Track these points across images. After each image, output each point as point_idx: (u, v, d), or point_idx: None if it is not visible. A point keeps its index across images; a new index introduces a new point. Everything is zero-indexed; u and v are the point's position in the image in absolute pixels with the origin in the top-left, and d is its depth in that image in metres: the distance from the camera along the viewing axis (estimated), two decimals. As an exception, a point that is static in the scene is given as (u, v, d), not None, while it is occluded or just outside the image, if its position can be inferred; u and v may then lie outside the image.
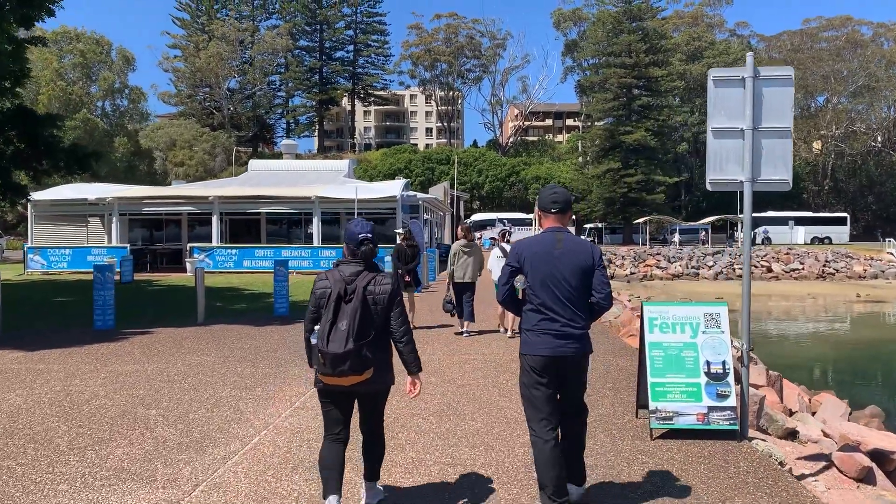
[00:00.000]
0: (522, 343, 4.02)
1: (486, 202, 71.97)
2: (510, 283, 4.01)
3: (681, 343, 5.19)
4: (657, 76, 63.66)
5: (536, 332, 3.92)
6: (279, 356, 8.77)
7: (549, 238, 4.00)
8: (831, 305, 31.57)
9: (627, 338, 10.15)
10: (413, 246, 11.33)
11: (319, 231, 26.38)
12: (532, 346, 3.92)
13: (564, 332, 3.89)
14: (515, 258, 4.01)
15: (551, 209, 4.05)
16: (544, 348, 3.88)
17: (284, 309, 12.94)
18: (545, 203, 4.10)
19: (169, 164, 65.70)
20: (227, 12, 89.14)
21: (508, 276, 4.02)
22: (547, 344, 3.88)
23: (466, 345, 9.67)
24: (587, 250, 4.02)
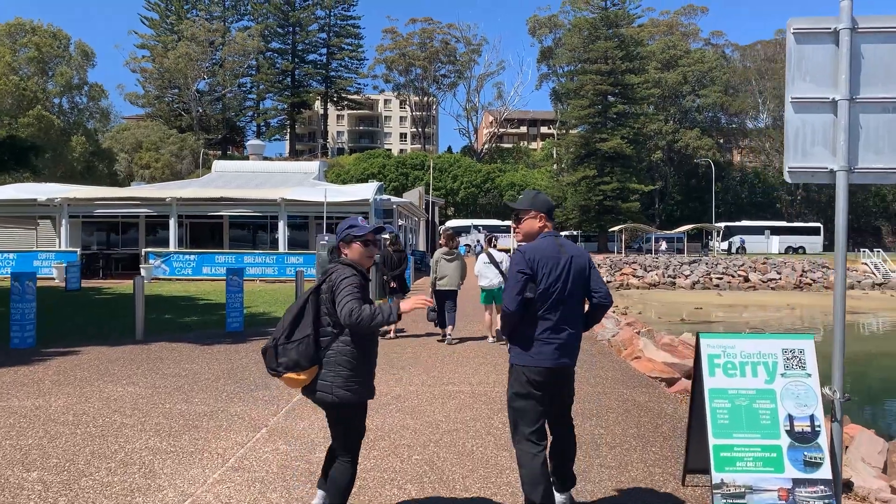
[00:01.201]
0: (520, 354, 3.74)
1: (460, 209, 70.85)
2: (524, 292, 3.66)
3: (753, 390, 3.79)
4: (633, 83, 63.30)
5: (541, 342, 3.69)
6: (221, 387, 7.21)
7: (553, 242, 3.81)
8: (811, 316, 31.04)
9: (632, 360, 8.78)
10: (399, 251, 11.01)
11: (286, 236, 24.72)
12: (535, 358, 3.70)
13: (568, 343, 3.75)
14: (527, 264, 3.70)
15: (551, 213, 3.92)
16: (547, 360, 3.69)
17: (238, 324, 11.35)
18: (548, 206, 3.93)
19: (135, 166, 63.89)
20: (198, 13, 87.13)
21: (523, 285, 3.67)
22: (550, 355, 3.70)
23: (450, 370, 8.20)
24: (583, 254, 3.88)
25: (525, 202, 3.92)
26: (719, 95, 73.76)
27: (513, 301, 3.67)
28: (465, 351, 9.71)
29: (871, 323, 28.29)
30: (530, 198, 3.93)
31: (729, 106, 75.70)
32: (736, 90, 77.39)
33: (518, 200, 3.96)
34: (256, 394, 6.86)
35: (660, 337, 11.09)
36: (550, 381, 3.71)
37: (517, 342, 3.75)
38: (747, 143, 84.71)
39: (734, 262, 48.08)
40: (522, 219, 3.91)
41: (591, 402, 6.47)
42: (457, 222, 62.45)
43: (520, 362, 3.72)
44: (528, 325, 3.70)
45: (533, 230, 3.88)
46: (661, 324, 25.08)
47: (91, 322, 12.75)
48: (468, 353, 9.56)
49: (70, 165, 40.45)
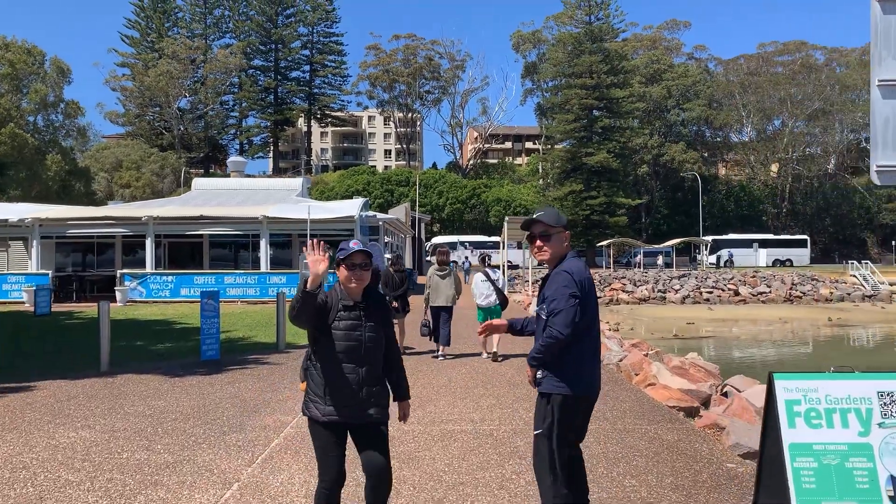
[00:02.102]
0: (566, 382, 3.53)
1: (446, 225, 70.20)
2: (577, 317, 3.49)
3: (844, 445, 3.01)
4: (618, 97, 63.29)
5: (587, 369, 3.59)
6: (190, 429, 6.32)
7: (583, 263, 3.71)
8: (803, 329, 30.69)
9: (646, 388, 8.01)
10: (401, 272, 10.96)
11: (268, 255, 23.80)
12: (583, 387, 3.57)
13: (600, 368, 3.73)
14: (578, 286, 3.55)
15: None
16: (594, 388, 3.65)
17: (214, 352, 10.45)
18: (567, 222, 3.81)
19: (115, 185, 62.90)
20: (179, 30, 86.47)
21: (578, 310, 3.50)
22: (596, 382, 3.66)
23: (448, 403, 7.38)
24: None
25: (553, 218, 3.71)
26: (703, 109, 73.90)
27: (568, 326, 3.47)
28: (462, 379, 8.89)
29: (864, 335, 27.83)
30: (555, 215, 3.74)
31: (713, 119, 75.85)
32: (720, 104, 77.63)
33: (541, 216, 3.73)
34: (229, 438, 6.00)
35: (668, 359, 10.35)
36: (590, 411, 3.65)
37: (558, 369, 3.53)
38: (732, 156, 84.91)
39: (724, 275, 47.84)
40: (552, 236, 3.68)
41: (616, 443, 5.67)
42: (442, 238, 61.78)
43: (577, 391, 3.52)
44: (570, 350, 3.54)
45: (562, 249, 3.70)
46: (653, 340, 24.43)
47: (54, 351, 11.81)
48: (465, 381, 8.74)
49: (45, 185, 39.35)
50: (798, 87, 76.31)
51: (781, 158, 78.25)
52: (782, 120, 79.30)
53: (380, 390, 3.50)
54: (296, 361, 10.26)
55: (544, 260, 3.72)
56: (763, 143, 79.69)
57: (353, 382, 3.39)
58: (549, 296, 3.60)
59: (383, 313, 3.56)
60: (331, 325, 3.40)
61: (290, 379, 8.82)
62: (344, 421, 3.39)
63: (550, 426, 3.54)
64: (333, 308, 3.42)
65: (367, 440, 3.45)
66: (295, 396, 7.66)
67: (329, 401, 3.38)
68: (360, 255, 3.45)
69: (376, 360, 3.48)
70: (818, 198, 78.47)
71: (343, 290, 3.47)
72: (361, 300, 3.48)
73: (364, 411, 3.41)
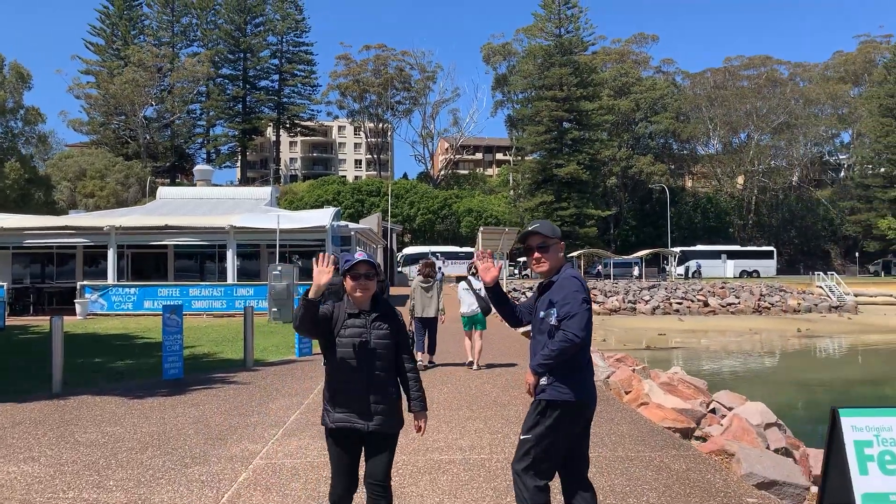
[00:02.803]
0: (569, 387, 3.51)
1: (417, 235, 69.73)
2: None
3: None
4: (588, 110, 63.72)
5: (587, 374, 3.61)
6: (147, 461, 5.68)
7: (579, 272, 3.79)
8: (774, 341, 30.88)
9: (639, 407, 7.58)
10: (381, 281, 9.57)
11: (235, 266, 23.02)
12: (584, 391, 3.56)
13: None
14: (588, 293, 3.59)
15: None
16: (593, 392, 3.64)
17: (177, 370, 9.79)
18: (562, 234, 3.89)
19: (78, 194, 61.48)
20: (145, 38, 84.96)
21: (590, 316, 3.54)
22: (594, 387, 3.67)
23: (433, 429, 6.79)
24: None
25: (549, 230, 3.74)
26: (671, 122, 74.66)
27: (584, 329, 3.47)
28: (445, 399, 8.37)
29: (839, 346, 27.93)
30: (550, 227, 3.80)
31: (680, 132, 76.65)
32: (687, 117, 78.49)
33: (537, 228, 3.76)
34: (192, 471, 5.39)
35: (655, 374, 9.95)
36: (590, 415, 3.65)
37: (563, 376, 3.50)
38: (699, 168, 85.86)
39: (693, 286, 48.06)
40: (550, 247, 3.71)
41: (620, 474, 5.19)
42: (414, 249, 61.30)
43: (571, 398, 3.49)
44: (575, 357, 3.53)
45: (559, 260, 3.73)
46: (626, 351, 24.22)
47: (2, 369, 11.01)
48: (448, 401, 8.23)
49: (3, 193, 37.97)
50: (763, 100, 77.53)
51: (747, 171, 79.35)
52: (748, 133, 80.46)
53: (390, 399, 3.52)
54: (264, 381, 9.69)
55: (543, 272, 3.72)
56: (729, 155, 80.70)
57: (360, 390, 3.44)
58: (559, 301, 3.56)
59: (393, 321, 3.61)
60: (337, 335, 3.48)
61: (259, 401, 8.24)
62: (352, 427, 3.43)
63: (542, 435, 3.50)
64: (340, 318, 3.50)
65: (372, 450, 3.48)
66: (264, 421, 7.11)
67: (337, 408, 3.47)
68: (365, 265, 3.56)
69: (384, 367, 3.50)
70: (783, 210, 79.66)
71: (350, 300, 3.57)
72: (369, 308, 3.57)
73: (372, 420, 3.44)
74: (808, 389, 17.68)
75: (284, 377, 10.07)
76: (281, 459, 5.66)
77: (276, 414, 7.43)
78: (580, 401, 3.53)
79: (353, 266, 3.54)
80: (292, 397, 8.44)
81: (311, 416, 7.29)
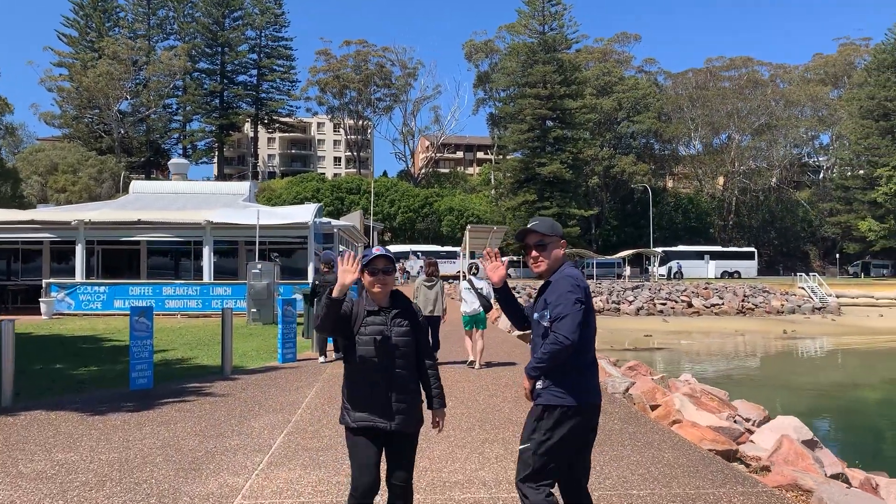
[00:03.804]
0: (577, 391, 3.36)
1: (398, 234, 68.81)
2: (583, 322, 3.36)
3: None
4: (572, 108, 63.32)
5: (589, 377, 3.46)
6: (103, 501, 4.73)
7: (580, 271, 3.70)
8: (764, 342, 30.66)
9: (672, 425, 6.74)
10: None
11: (211, 263, 21.87)
12: (587, 395, 3.41)
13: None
14: (583, 292, 3.43)
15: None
16: (597, 395, 3.50)
17: (146, 380, 8.77)
18: (563, 231, 3.73)
19: (49, 189, 59.85)
20: (120, 30, 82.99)
21: (585, 315, 3.38)
22: (598, 390, 3.53)
23: (445, 454, 5.93)
24: None
25: (548, 228, 3.60)
26: (653, 122, 74.46)
27: (575, 332, 3.33)
28: (454, 416, 7.42)
29: (831, 348, 27.55)
30: (550, 224, 3.65)
31: (662, 132, 76.48)
32: (668, 117, 78.35)
33: (536, 226, 3.61)
34: (158, 513, 4.45)
35: (673, 384, 9.14)
36: (594, 422, 3.50)
37: (561, 379, 3.38)
38: (680, 169, 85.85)
39: (677, 287, 47.88)
40: (548, 246, 3.58)
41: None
42: (395, 248, 60.42)
43: (570, 402, 3.35)
44: (574, 360, 3.39)
45: (559, 260, 3.60)
46: (613, 353, 23.62)
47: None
48: (458, 418, 7.26)
49: (-33, 187, 36.46)
50: (744, 101, 77.64)
51: (728, 172, 79.47)
52: (729, 134, 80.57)
53: (411, 397, 3.45)
54: (245, 392, 8.69)
55: (541, 271, 3.59)
56: (710, 156, 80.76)
57: (381, 388, 3.39)
58: (552, 301, 3.42)
59: (413, 318, 3.52)
60: (357, 333, 3.42)
61: (239, 417, 7.25)
62: (373, 426, 3.37)
63: (541, 443, 3.35)
64: (359, 315, 3.44)
65: (393, 450, 3.44)
66: (246, 445, 6.13)
67: (358, 407, 3.41)
68: (383, 260, 3.46)
69: (405, 365, 3.44)
70: (763, 211, 79.90)
71: (368, 297, 3.49)
72: (388, 305, 3.49)
73: (393, 418, 3.37)
74: (811, 394, 17.13)
75: (267, 388, 9.08)
76: (269, 499, 4.70)
77: (260, 435, 6.45)
78: (580, 405, 3.37)
79: (371, 261, 3.43)
80: (277, 413, 7.45)
81: (301, 438, 6.35)
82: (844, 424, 13.38)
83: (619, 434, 6.31)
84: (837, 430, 12.29)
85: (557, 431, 3.34)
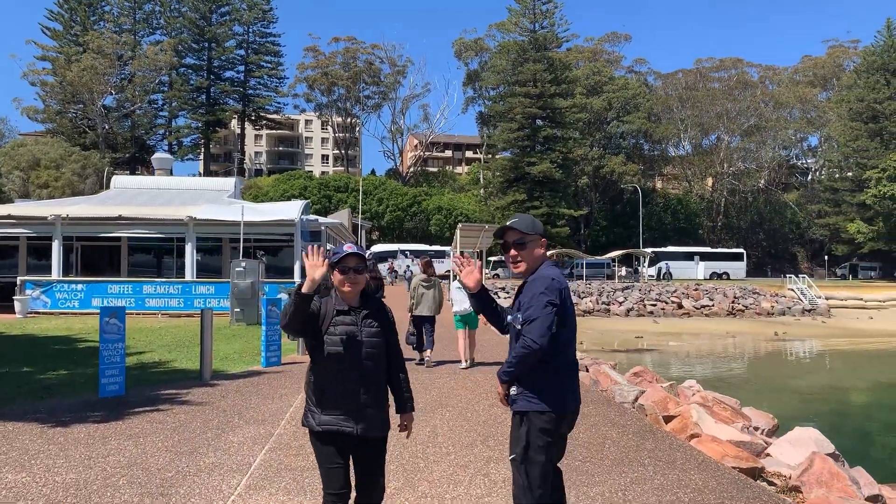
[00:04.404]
0: (551, 398, 3.23)
1: (386, 233, 68.19)
2: (553, 326, 3.19)
3: None
4: (562, 107, 62.94)
5: (565, 383, 3.31)
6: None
7: (561, 272, 3.50)
8: (752, 344, 30.41)
9: (691, 440, 6.19)
10: (376, 279, 10.52)
11: (194, 261, 21.13)
12: (562, 401, 3.27)
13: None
14: (558, 294, 3.28)
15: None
16: (574, 402, 3.35)
17: (117, 386, 8.10)
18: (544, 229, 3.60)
19: (31, 185, 58.90)
20: (105, 24, 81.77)
21: (554, 318, 3.21)
22: (575, 397, 3.37)
23: (447, 479, 5.35)
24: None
25: (528, 226, 3.47)
26: (643, 122, 74.24)
27: (544, 336, 3.18)
28: (452, 428, 6.82)
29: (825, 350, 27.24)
30: (530, 222, 3.53)
31: (652, 132, 76.27)
32: (658, 117, 78.15)
33: (515, 223, 3.47)
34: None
35: (682, 392, 8.60)
36: (571, 424, 3.40)
37: (534, 385, 3.25)
38: (669, 169, 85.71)
39: (667, 288, 47.64)
40: (527, 244, 3.42)
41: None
42: (383, 247, 59.87)
43: (543, 408, 3.21)
44: (549, 363, 3.25)
45: (539, 259, 3.45)
46: (604, 354, 23.16)
47: None
48: (458, 432, 6.63)
49: (-56, 181, 35.46)
50: (734, 102, 77.58)
51: (717, 173, 79.41)
52: (718, 135, 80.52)
53: (379, 401, 3.37)
54: (224, 400, 8.03)
55: (521, 271, 3.46)
56: (699, 157, 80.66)
57: (350, 391, 3.29)
58: (525, 303, 3.32)
59: (384, 318, 3.43)
60: (325, 333, 3.30)
61: (217, 430, 6.60)
62: (339, 430, 3.28)
63: (525, 450, 3.26)
64: (328, 315, 3.33)
65: (362, 454, 3.36)
66: (222, 464, 5.49)
67: (325, 410, 3.31)
68: (354, 259, 3.34)
69: (374, 367, 3.35)
70: (752, 212, 79.90)
71: (338, 296, 3.37)
72: (358, 304, 3.39)
73: (362, 422, 3.28)
74: (811, 398, 16.72)
75: (249, 395, 8.42)
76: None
77: (239, 452, 5.80)
78: (553, 411, 3.25)
79: (341, 259, 3.33)
80: (259, 425, 6.80)
81: (284, 455, 5.72)
82: (855, 432, 12.92)
83: (636, 451, 5.76)
84: (850, 438, 11.81)
85: (536, 437, 3.22)
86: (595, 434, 6.22)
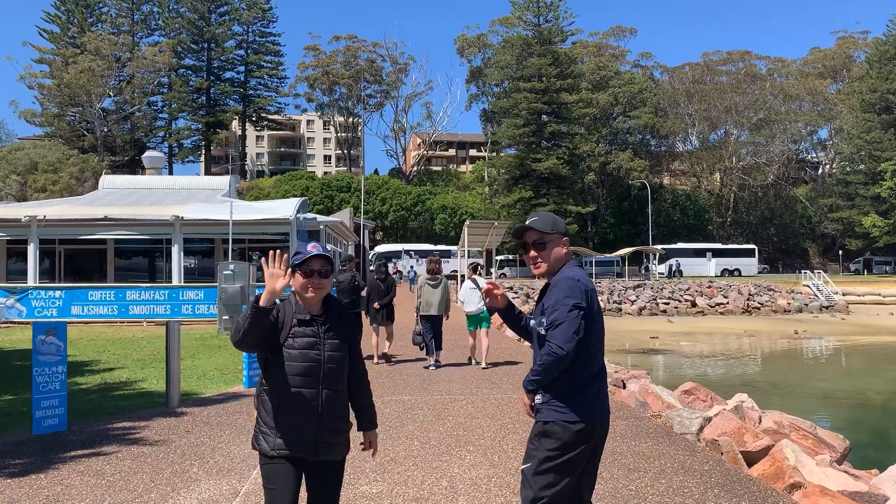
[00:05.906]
0: (580, 406, 3.05)
1: (390, 232, 66.87)
2: (581, 331, 3.01)
3: None
4: (567, 102, 61.58)
5: (595, 390, 3.14)
6: None
7: (585, 273, 3.32)
8: (775, 344, 28.94)
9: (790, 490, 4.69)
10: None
11: (181, 264, 19.71)
12: (591, 410, 3.08)
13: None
14: (585, 296, 3.09)
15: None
16: (604, 410, 3.17)
17: (56, 420, 6.59)
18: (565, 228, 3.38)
19: (29, 189, 58.18)
20: (103, 25, 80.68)
21: (581, 322, 3.03)
22: (604, 405, 3.18)
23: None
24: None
25: (548, 224, 3.24)
26: (650, 117, 72.74)
27: (570, 341, 2.99)
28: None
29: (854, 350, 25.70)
30: (551, 220, 3.30)
31: (659, 127, 74.75)
32: (665, 112, 76.61)
33: (534, 222, 3.25)
34: None
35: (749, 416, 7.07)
36: (601, 439, 3.17)
37: (561, 392, 3.05)
38: (677, 165, 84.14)
39: (680, 286, 46.29)
40: (547, 244, 3.21)
41: None
42: (386, 247, 58.65)
43: (572, 418, 3.01)
44: (576, 370, 3.06)
45: (561, 259, 3.24)
46: (622, 354, 21.74)
47: None
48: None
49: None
50: (742, 95, 76.02)
51: (726, 168, 77.88)
52: (726, 129, 78.97)
53: (340, 421, 3.06)
54: (189, 436, 6.52)
55: (541, 273, 3.24)
56: (708, 151, 79.10)
57: (311, 410, 2.98)
58: (549, 306, 3.10)
59: (347, 327, 3.12)
60: (283, 344, 2.96)
61: (166, 485, 5.06)
62: (297, 456, 2.96)
63: (542, 461, 3.02)
64: (286, 324, 3.00)
65: (319, 479, 3.04)
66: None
67: (281, 432, 2.97)
68: (319, 261, 3.00)
69: (338, 382, 3.06)
70: (762, 207, 78.34)
71: (298, 302, 3.04)
72: (320, 313, 3.05)
73: (321, 445, 2.98)
74: (853, 404, 15.20)
75: (221, 428, 6.92)
76: None
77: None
78: (583, 421, 3.04)
79: (305, 260, 2.97)
80: (222, 477, 5.23)
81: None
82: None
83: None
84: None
85: (559, 450, 3.03)
86: (668, 488, 4.69)
